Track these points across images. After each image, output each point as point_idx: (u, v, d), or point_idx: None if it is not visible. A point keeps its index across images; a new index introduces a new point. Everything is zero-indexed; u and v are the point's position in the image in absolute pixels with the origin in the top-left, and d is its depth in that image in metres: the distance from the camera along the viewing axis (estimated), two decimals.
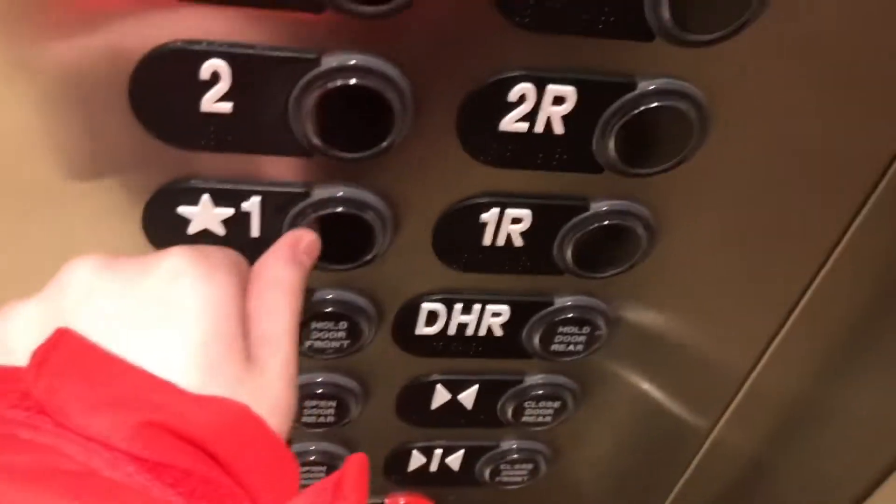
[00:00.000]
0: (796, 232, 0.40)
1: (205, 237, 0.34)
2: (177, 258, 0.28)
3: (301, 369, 0.30)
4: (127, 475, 0.22)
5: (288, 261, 0.32)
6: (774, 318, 0.46)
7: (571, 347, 0.43)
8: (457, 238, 0.37)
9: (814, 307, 0.45)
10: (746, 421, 0.54)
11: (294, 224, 0.34)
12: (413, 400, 0.45)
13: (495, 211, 0.36)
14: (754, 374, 0.51)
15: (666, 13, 0.29)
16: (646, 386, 0.49)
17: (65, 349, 0.24)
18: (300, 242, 0.33)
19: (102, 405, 0.23)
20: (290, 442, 0.28)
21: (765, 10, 0.30)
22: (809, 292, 0.44)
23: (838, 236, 0.41)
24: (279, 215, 0.34)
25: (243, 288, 0.29)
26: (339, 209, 0.34)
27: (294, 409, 0.28)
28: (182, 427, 0.23)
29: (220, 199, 0.33)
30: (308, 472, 0.48)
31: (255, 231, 0.35)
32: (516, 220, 0.36)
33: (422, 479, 0.51)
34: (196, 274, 0.27)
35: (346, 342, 0.40)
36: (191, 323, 0.26)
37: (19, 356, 0.25)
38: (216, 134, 0.31)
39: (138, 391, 0.24)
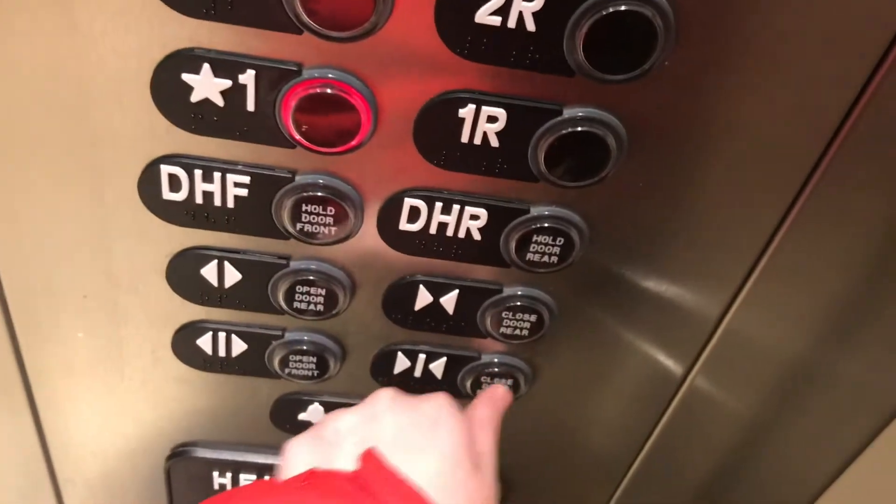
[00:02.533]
0: (768, 169, 0.42)
1: (206, 106, 0.38)
2: (442, 398, 0.46)
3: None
4: None
5: (488, 404, 0.50)
6: (746, 259, 0.47)
7: (546, 259, 0.45)
8: (436, 133, 0.40)
9: (784, 250, 0.46)
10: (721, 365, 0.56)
11: (288, 101, 0.38)
12: (398, 298, 0.48)
13: (472, 107, 0.39)
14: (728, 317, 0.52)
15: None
16: (621, 314, 0.51)
17: (375, 458, 0.42)
18: (496, 392, 0.51)
19: (395, 495, 0.39)
20: None
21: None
22: (780, 234, 0.45)
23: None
24: (272, 91, 0.38)
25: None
26: (329, 91, 0.38)
27: (496, 499, 0.45)
28: None
29: (218, 69, 0.37)
30: (299, 360, 0.51)
31: (250, 104, 0.38)
32: (492, 119, 0.39)
33: (406, 383, 0.53)
34: (452, 411, 0.45)
35: (333, 228, 0.43)
36: (447, 444, 0.43)
37: (341, 448, 0.43)
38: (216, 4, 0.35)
39: (411, 495, 0.40)
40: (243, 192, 0.42)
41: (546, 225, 0.44)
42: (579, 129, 0.39)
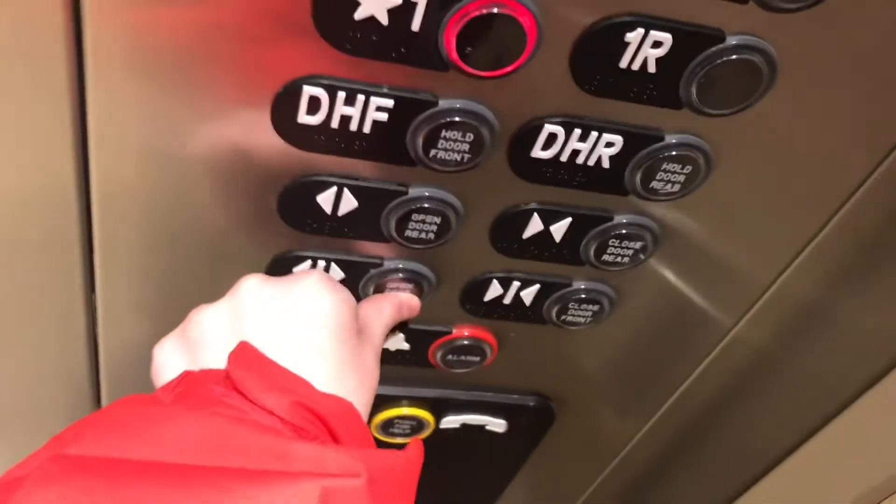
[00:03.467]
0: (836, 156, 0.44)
1: (369, 25, 0.36)
2: (315, 276, 0.43)
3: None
4: (278, 428, 0.35)
5: (391, 299, 0.49)
6: (809, 229, 0.50)
7: (669, 187, 0.45)
8: (597, 57, 0.39)
9: (846, 222, 0.49)
10: (765, 322, 0.59)
11: (456, 20, 0.36)
12: (508, 226, 0.47)
13: (640, 31, 0.38)
14: (779, 281, 0.55)
15: None
16: (695, 259, 0.52)
17: (246, 353, 0.39)
18: (411, 301, 0.50)
19: (271, 389, 0.37)
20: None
21: None
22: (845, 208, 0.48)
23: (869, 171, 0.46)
24: (442, 10, 0.36)
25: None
26: (495, 10, 0.36)
27: (377, 380, 0.44)
28: (315, 408, 0.37)
29: None
30: (396, 288, 0.50)
31: (416, 24, 0.36)
32: (657, 44, 0.38)
33: (493, 310, 0.53)
34: (329, 285, 0.42)
35: (467, 155, 0.42)
36: (323, 320, 0.41)
37: (210, 348, 0.40)
38: None
39: (292, 384, 0.38)
40: (383, 116, 0.40)
41: (675, 153, 0.44)
42: (734, 56, 0.39)
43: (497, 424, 0.64)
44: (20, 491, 0.30)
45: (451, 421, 0.63)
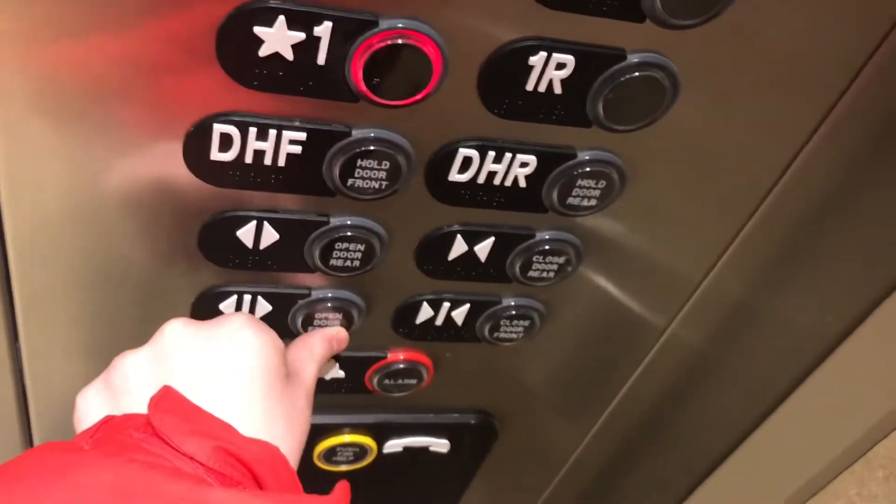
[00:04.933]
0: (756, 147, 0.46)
1: (274, 61, 0.36)
2: (241, 318, 0.42)
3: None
4: (200, 475, 0.35)
5: (320, 336, 0.49)
6: (731, 227, 0.52)
7: (586, 202, 0.46)
8: (503, 81, 0.39)
9: (768, 218, 0.51)
10: (698, 320, 0.60)
11: (361, 53, 0.36)
12: (433, 249, 0.48)
13: (543, 55, 0.39)
14: (708, 279, 0.56)
15: None
16: (622, 266, 0.54)
17: (169, 398, 0.38)
18: (339, 333, 0.50)
19: (193, 434, 0.36)
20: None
21: None
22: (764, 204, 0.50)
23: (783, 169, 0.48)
24: (346, 43, 0.36)
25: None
26: (399, 41, 0.36)
27: (308, 423, 0.44)
28: (238, 454, 0.36)
29: (293, 21, 0.35)
30: (325, 318, 0.50)
31: (321, 58, 0.36)
32: (560, 66, 0.39)
33: (426, 332, 0.54)
34: (254, 328, 0.42)
35: (384, 182, 0.42)
36: (248, 363, 0.41)
37: (133, 395, 0.40)
38: None
39: (215, 429, 0.37)
40: (297, 149, 0.40)
41: (588, 169, 0.45)
42: (637, 74, 0.40)
43: (440, 445, 0.65)
44: None
45: (394, 445, 0.63)
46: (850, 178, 0.50)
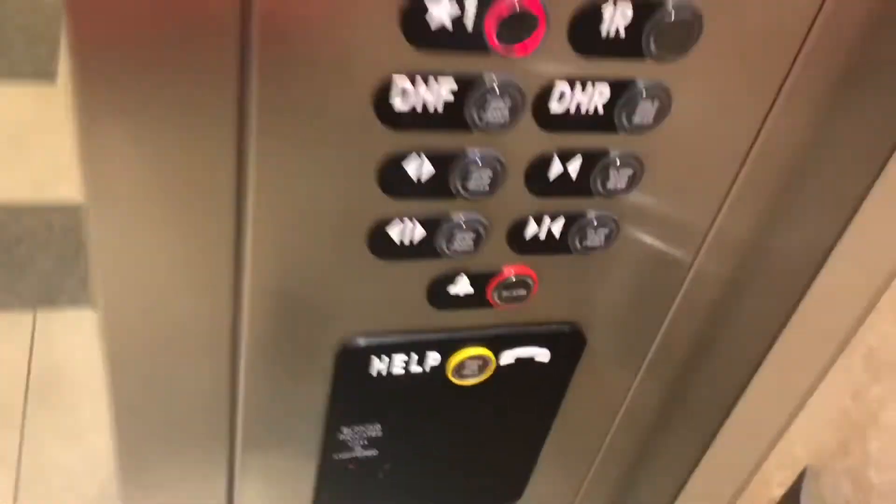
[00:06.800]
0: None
1: (441, 27, 0.54)
2: None
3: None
4: None
5: None
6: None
7: (645, 121, 0.63)
8: (587, 27, 0.57)
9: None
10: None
11: (493, 14, 0.54)
12: (536, 170, 0.65)
13: (611, 8, 0.56)
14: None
15: None
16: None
17: None
18: None
19: None
20: None
21: None
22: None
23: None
24: (484, 8, 0.54)
25: None
26: (516, 5, 0.54)
27: None
28: None
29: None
30: (462, 238, 0.67)
31: (469, 26, 0.54)
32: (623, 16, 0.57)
33: (532, 246, 0.70)
34: None
35: (508, 119, 0.59)
36: None
37: None
38: None
39: None
40: (451, 97, 0.58)
41: (644, 95, 0.62)
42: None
43: (542, 354, 0.80)
44: None
45: (508, 356, 0.79)
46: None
